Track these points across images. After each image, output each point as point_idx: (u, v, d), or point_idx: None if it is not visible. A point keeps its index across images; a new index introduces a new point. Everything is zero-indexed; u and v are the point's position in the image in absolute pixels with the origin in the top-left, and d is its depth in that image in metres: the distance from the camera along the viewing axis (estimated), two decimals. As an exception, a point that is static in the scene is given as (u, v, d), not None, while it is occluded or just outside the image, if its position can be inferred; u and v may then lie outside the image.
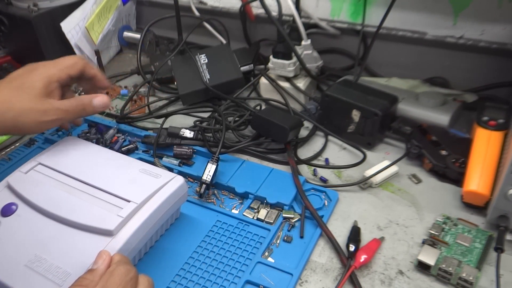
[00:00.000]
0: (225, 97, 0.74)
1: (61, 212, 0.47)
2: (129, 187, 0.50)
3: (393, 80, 0.77)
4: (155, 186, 0.50)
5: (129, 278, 0.39)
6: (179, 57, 0.82)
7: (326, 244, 0.52)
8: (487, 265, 0.48)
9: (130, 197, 0.48)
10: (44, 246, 0.45)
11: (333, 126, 0.68)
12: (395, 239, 0.53)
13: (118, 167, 0.53)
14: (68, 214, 0.47)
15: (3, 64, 0.91)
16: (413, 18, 0.74)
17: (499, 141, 0.56)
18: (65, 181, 0.51)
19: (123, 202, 0.48)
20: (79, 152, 0.55)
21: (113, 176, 0.51)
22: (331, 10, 0.80)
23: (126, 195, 0.48)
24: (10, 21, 0.85)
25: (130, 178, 0.51)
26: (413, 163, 0.63)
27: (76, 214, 0.47)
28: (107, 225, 0.45)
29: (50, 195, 0.49)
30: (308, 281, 0.48)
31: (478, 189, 0.53)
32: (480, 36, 0.70)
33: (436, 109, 0.66)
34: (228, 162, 0.63)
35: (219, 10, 0.91)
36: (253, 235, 0.53)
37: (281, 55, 0.72)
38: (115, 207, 0.47)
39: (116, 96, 0.84)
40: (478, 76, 0.72)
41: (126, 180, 0.51)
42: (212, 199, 0.59)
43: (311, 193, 0.59)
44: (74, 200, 0.49)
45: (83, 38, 0.86)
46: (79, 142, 0.57)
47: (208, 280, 0.48)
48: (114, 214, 0.46)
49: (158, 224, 0.50)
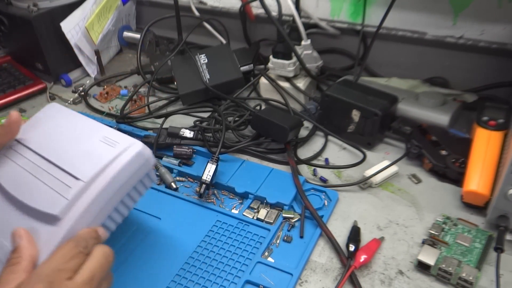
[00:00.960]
0: (225, 97, 0.74)
1: (16, 193, 0.44)
2: (82, 161, 0.44)
3: (393, 80, 0.77)
4: (107, 157, 0.43)
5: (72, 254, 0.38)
6: (179, 57, 0.82)
7: (326, 244, 0.52)
8: (487, 265, 0.48)
9: (79, 173, 0.43)
10: (1, 231, 0.43)
11: (333, 126, 0.68)
12: (395, 239, 0.52)
13: (79, 137, 0.47)
14: (20, 195, 0.44)
15: (3, 64, 0.91)
16: (413, 18, 0.74)
17: (499, 141, 0.56)
18: (30, 157, 0.47)
19: (73, 180, 0.43)
20: (54, 123, 0.50)
21: (71, 149, 0.46)
22: (331, 10, 0.80)
23: (76, 171, 0.43)
24: (10, 21, 0.85)
25: (86, 149, 0.45)
26: (413, 163, 0.63)
27: (26, 196, 0.43)
28: (52, 208, 0.41)
29: (13, 174, 0.46)
30: (308, 281, 0.48)
31: (478, 189, 0.53)
32: (480, 36, 0.70)
33: (436, 109, 0.66)
34: (228, 162, 0.63)
35: (219, 10, 0.91)
36: (253, 235, 0.53)
37: (281, 55, 0.72)
38: (65, 187, 0.43)
39: (116, 96, 0.84)
40: (478, 76, 0.72)
41: (82, 152, 0.45)
42: (212, 199, 0.59)
43: (311, 193, 0.59)
44: (30, 179, 0.45)
45: (83, 38, 0.86)
46: (59, 110, 0.52)
47: (208, 280, 0.48)
48: (61, 195, 0.42)
49: (116, 201, 0.44)
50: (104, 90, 0.85)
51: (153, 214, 0.56)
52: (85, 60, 0.89)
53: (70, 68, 0.90)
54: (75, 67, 0.90)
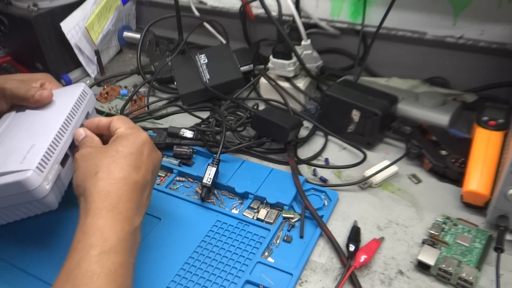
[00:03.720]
0: (224, 97, 0.74)
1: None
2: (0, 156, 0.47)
3: (393, 80, 0.77)
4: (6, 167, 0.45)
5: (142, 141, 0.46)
6: (179, 57, 0.82)
7: (326, 244, 0.52)
8: (487, 265, 0.48)
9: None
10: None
11: (333, 126, 0.68)
12: (395, 239, 0.52)
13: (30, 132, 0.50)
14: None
15: (3, 64, 0.91)
16: (413, 18, 0.74)
17: (499, 141, 0.56)
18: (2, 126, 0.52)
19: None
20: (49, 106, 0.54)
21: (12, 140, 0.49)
22: (331, 10, 0.80)
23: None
24: (10, 21, 0.85)
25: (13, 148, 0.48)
26: (413, 163, 0.63)
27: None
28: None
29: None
30: (308, 281, 0.48)
31: (478, 189, 0.53)
32: (480, 36, 0.70)
33: (436, 109, 0.66)
34: (228, 162, 0.63)
35: (219, 10, 0.91)
36: (253, 235, 0.53)
37: (281, 55, 0.72)
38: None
39: (116, 96, 0.84)
40: (478, 76, 0.72)
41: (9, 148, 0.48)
42: (212, 199, 0.59)
43: (311, 193, 0.59)
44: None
45: (83, 38, 0.86)
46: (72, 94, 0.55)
47: (208, 280, 0.48)
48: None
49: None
50: (104, 90, 0.85)
51: (153, 214, 0.56)
52: (85, 60, 0.89)
53: (70, 68, 0.90)
54: (75, 67, 0.90)
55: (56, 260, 0.50)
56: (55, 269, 0.49)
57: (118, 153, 0.44)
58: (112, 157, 0.44)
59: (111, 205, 0.41)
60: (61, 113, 0.52)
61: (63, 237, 0.53)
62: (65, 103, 0.53)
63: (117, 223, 0.40)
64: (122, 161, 0.44)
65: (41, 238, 0.54)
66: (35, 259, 0.51)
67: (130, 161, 0.44)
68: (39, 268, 0.50)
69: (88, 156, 0.45)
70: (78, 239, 0.39)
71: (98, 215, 0.40)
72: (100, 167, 0.43)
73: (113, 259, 0.38)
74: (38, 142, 0.48)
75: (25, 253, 0.52)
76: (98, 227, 0.39)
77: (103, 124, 0.50)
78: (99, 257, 0.38)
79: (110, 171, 0.43)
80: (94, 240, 0.39)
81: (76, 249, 0.39)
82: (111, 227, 0.40)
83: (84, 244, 0.39)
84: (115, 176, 0.42)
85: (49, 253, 0.52)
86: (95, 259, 0.38)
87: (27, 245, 0.52)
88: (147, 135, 0.48)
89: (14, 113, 0.54)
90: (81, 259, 0.38)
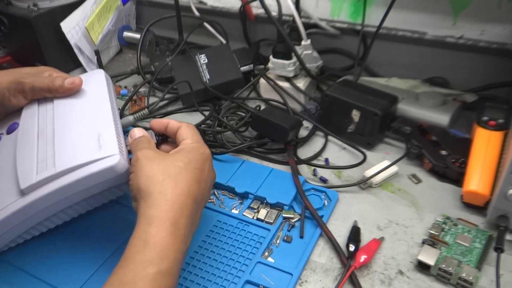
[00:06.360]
0: (224, 97, 0.74)
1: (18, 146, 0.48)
2: (69, 148, 0.47)
3: (393, 80, 0.77)
4: (86, 158, 0.45)
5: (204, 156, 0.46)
6: (179, 57, 0.82)
7: (326, 244, 0.52)
8: (487, 265, 0.48)
9: (58, 160, 0.45)
10: None
11: (333, 126, 0.68)
12: (395, 239, 0.53)
13: (85, 121, 0.50)
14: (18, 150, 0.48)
15: (3, 64, 0.91)
16: (413, 18, 0.74)
17: (499, 141, 0.56)
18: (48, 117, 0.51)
19: (51, 164, 0.45)
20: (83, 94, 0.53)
21: (72, 131, 0.49)
22: (331, 10, 0.80)
23: (59, 156, 0.46)
24: (10, 21, 0.85)
25: (80, 138, 0.48)
26: (413, 163, 0.63)
27: (20, 154, 0.47)
28: (22, 181, 0.45)
29: (28, 127, 0.50)
30: (308, 281, 0.48)
31: (478, 189, 0.53)
32: (480, 36, 0.70)
33: (436, 109, 0.66)
34: (228, 162, 0.63)
35: (219, 10, 0.91)
36: (253, 235, 0.53)
37: (281, 55, 0.72)
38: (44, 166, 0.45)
39: (116, 96, 0.84)
40: (478, 76, 0.72)
41: (75, 139, 0.48)
42: (212, 199, 0.59)
43: (311, 193, 0.59)
44: (30, 140, 0.49)
45: (83, 38, 0.86)
46: (99, 81, 0.56)
47: (208, 280, 0.48)
48: (36, 172, 0.45)
49: (77, 199, 0.47)
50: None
51: (153, 214, 0.56)
52: (85, 60, 0.89)
53: (70, 68, 0.90)
54: (75, 67, 0.90)
55: (57, 261, 0.50)
56: (57, 270, 0.49)
57: (186, 165, 0.43)
58: (179, 168, 0.43)
59: (174, 218, 0.40)
60: (102, 98, 0.52)
61: (64, 238, 0.53)
62: (97, 89, 0.53)
63: (175, 241, 0.39)
64: (188, 174, 0.43)
65: (42, 238, 0.53)
66: (37, 260, 0.51)
67: (195, 175, 0.43)
68: (41, 269, 0.50)
69: (153, 159, 0.44)
70: (137, 249, 0.38)
71: (162, 226, 0.39)
72: (168, 174, 0.42)
73: (165, 283, 0.37)
74: (103, 129, 0.48)
75: (26, 254, 0.52)
76: (160, 242, 0.38)
77: (172, 127, 0.49)
78: (155, 277, 0.37)
79: (177, 181, 0.42)
80: (154, 256, 0.38)
81: (134, 261, 0.38)
82: (171, 244, 0.39)
83: (143, 258, 0.38)
84: (181, 187, 0.42)
85: (50, 254, 0.52)
86: (151, 278, 0.37)
87: (28, 246, 0.52)
88: (209, 152, 0.47)
89: (37, 107, 0.53)
90: (137, 276, 0.37)
